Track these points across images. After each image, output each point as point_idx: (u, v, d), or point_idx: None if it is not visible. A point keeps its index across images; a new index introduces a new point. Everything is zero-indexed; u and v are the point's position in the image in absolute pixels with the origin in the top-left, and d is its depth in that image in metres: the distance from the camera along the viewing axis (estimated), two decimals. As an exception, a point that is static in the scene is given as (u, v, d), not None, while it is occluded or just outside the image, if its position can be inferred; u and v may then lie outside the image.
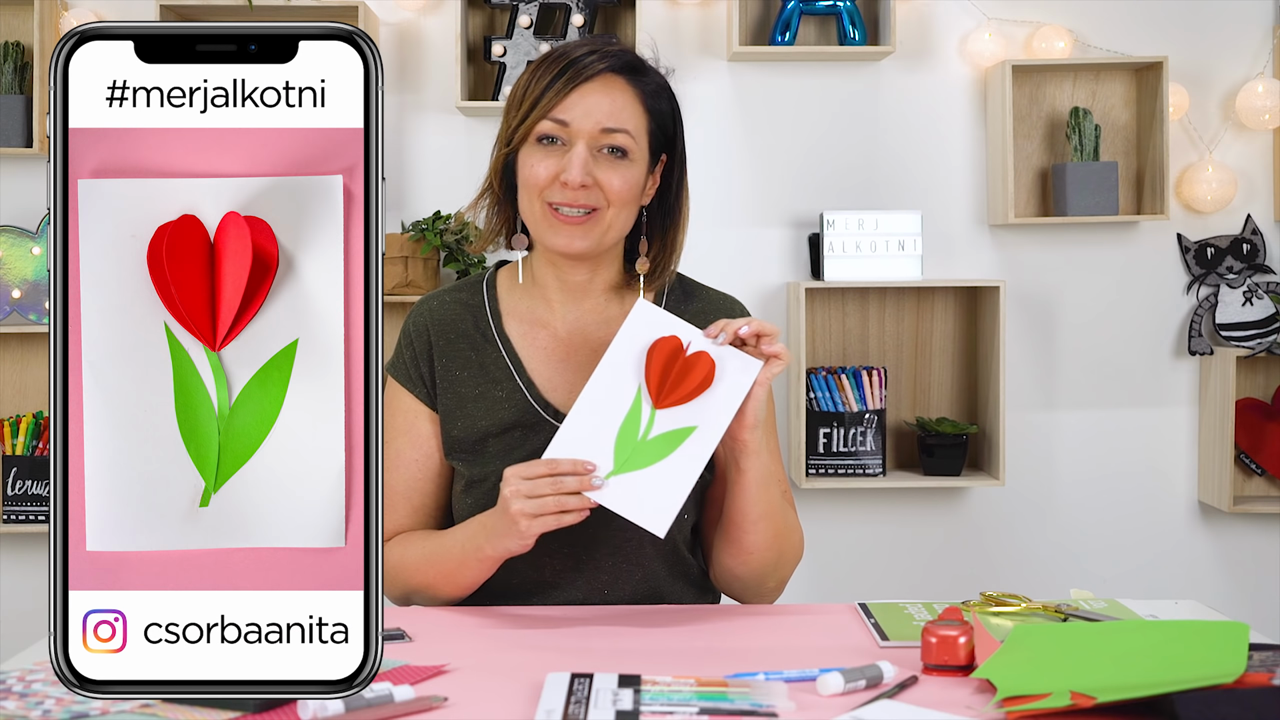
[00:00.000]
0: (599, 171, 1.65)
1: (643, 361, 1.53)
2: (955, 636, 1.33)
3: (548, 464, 1.50)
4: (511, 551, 1.57)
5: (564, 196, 1.65)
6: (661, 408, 1.52)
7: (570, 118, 1.64)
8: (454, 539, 1.65)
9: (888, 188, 3.48)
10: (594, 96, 1.65)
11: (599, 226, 1.67)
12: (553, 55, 1.68)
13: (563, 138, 1.66)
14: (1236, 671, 1.18)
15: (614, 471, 1.50)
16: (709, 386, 1.53)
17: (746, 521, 1.65)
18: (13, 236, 3.35)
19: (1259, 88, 3.42)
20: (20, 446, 3.29)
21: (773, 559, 1.69)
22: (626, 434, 1.51)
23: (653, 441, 1.51)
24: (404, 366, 1.76)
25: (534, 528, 1.51)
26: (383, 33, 3.42)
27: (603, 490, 1.50)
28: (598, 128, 1.65)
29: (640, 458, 1.51)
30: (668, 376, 1.53)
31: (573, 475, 1.49)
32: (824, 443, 3.32)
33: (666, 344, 1.54)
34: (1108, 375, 3.53)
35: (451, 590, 1.66)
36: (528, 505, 1.50)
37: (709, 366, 1.53)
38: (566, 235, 1.66)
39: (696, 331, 1.55)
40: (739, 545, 1.67)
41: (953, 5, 3.47)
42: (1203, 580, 3.55)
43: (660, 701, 1.21)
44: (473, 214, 1.77)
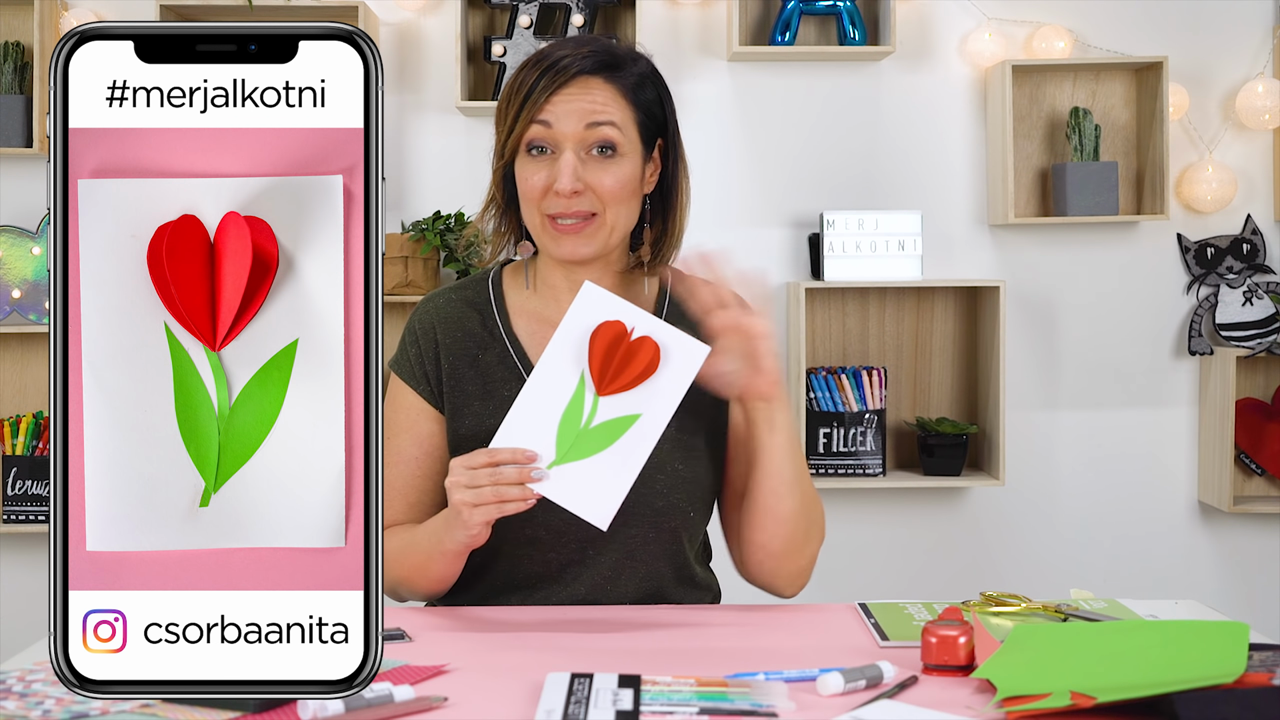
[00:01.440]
0: (590, 174, 1.64)
1: (585, 346, 1.49)
2: (955, 636, 1.33)
3: (488, 454, 1.49)
4: (464, 544, 1.55)
5: (559, 206, 1.64)
6: (605, 395, 1.49)
7: (553, 119, 1.64)
8: (423, 533, 1.64)
9: (888, 188, 3.49)
10: (574, 100, 1.64)
11: (600, 231, 1.66)
12: (530, 61, 1.68)
13: (550, 145, 1.65)
14: (1236, 671, 1.18)
15: (556, 461, 1.48)
16: (653, 373, 1.49)
17: (782, 486, 1.63)
18: (13, 236, 3.35)
19: (1259, 88, 3.43)
20: (20, 446, 3.29)
21: (804, 527, 1.67)
22: (569, 422, 1.48)
23: (595, 430, 1.48)
24: (408, 364, 1.76)
25: (475, 517, 1.49)
26: (383, 33, 3.42)
27: (544, 481, 1.47)
28: (581, 126, 1.64)
29: (583, 447, 1.48)
30: (610, 363, 1.49)
31: (513, 465, 1.48)
32: (824, 443, 3.32)
33: (609, 329, 1.49)
34: (1108, 375, 3.54)
35: (425, 584, 1.66)
36: (467, 495, 1.49)
37: (653, 352, 1.49)
38: (569, 245, 1.66)
39: (643, 315, 1.51)
40: (774, 515, 1.64)
41: (953, 5, 3.47)
42: (1203, 580, 3.55)
43: (660, 701, 1.21)
44: (482, 224, 1.77)
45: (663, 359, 1.49)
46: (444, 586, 1.67)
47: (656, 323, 1.51)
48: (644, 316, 1.50)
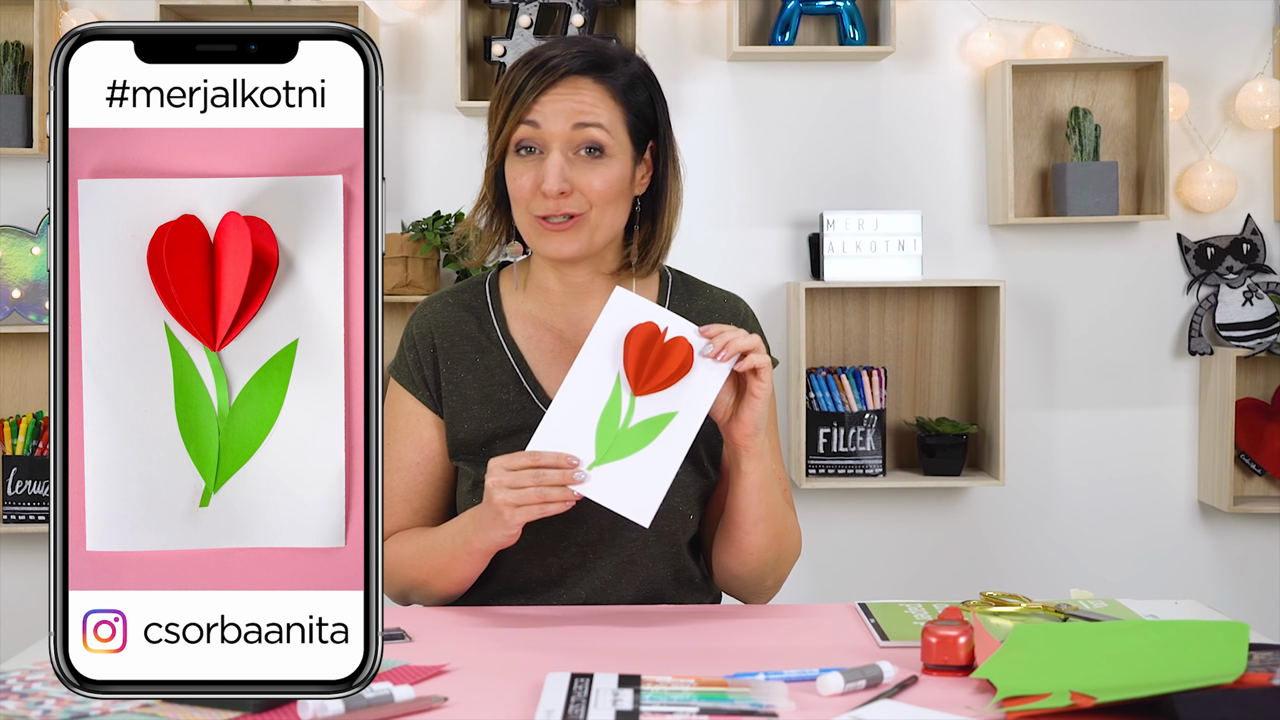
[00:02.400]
0: (577, 175, 1.65)
1: (620, 349, 1.53)
2: (955, 636, 1.33)
3: (531, 456, 1.50)
4: (498, 543, 1.56)
5: (547, 207, 1.65)
6: (641, 394, 1.52)
7: (540, 119, 1.64)
8: (445, 534, 1.65)
9: (888, 188, 3.49)
10: (562, 100, 1.64)
11: (585, 229, 1.67)
12: (521, 61, 1.68)
13: (538, 145, 1.65)
14: (1236, 671, 1.18)
15: (596, 462, 1.50)
16: (688, 371, 1.53)
17: (747, 523, 1.65)
18: (13, 236, 3.35)
19: (1259, 88, 3.42)
20: (20, 446, 3.29)
21: (771, 558, 1.70)
22: (607, 423, 1.51)
23: (634, 429, 1.51)
24: (407, 369, 1.76)
25: (518, 517, 1.51)
26: (383, 33, 3.42)
27: (586, 483, 1.50)
28: (569, 126, 1.64)
29: (622, 446, 1.51)
30: (645, 363, 1.52)
31: (555, 469, 1.50)
32: (824, 443, 3.32)
33: (643, 330, 1.53)
34: (1108, 375, 3.53)
35: (445, 585, 1.66)
36: (510, 495, 1.50)
37: (686, 351, 1.53)
38: (556, 243, 1.67)
39: (673, 317, 1.55)
40: (739, 545, 1.67)
41: (953, 5, 3.47)
42: (1203, 580, 3.55)
43: (660, 701, 1.21)
44: (474, 223, 1.77)
45: (696, 358, 1.53)
46: (464, 588, 1.67)
47: (688, 324, 1.55)
48: (675, 319, 1.55)
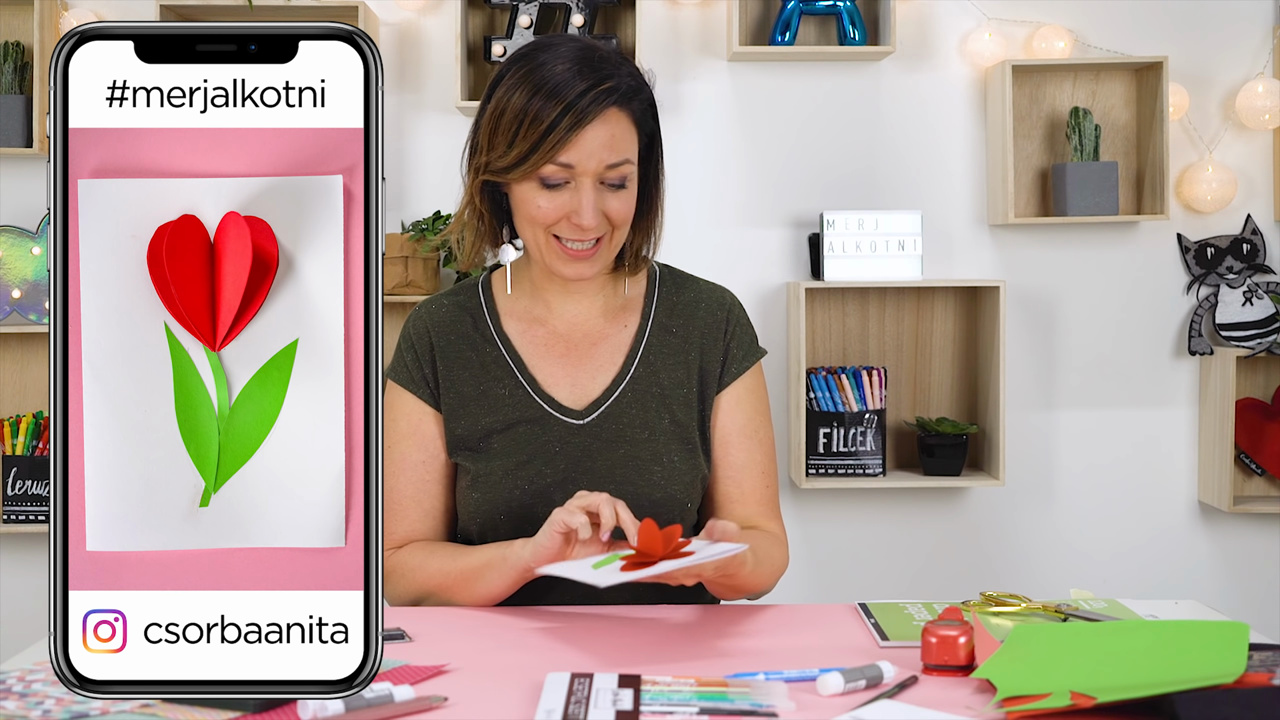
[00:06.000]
0: (603, 203, 1.66)
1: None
2: (955, 636, 1.33)
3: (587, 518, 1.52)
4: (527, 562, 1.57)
5: (575, 234, 1.66)
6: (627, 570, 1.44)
7: (574, 160, 1.63)
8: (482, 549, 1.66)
9: (888, 188, 3.49)
10: (594, 140, 1.63)
11: (605, 252, 1.70)
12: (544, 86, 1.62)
13: (567, 179, 1.65)
14: (1236, 671, 1.18)
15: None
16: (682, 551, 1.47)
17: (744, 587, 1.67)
18: (13, 236, 3.35)
19: (1259, 88, 3.42)
20: (20, 446, 3.29)
21: (760, 586, 1.72)
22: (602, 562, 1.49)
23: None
24: (406, 370, 1.77)
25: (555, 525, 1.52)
26: (383, 33, 3.42)
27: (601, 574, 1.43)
28: (602, 165, 1.64)
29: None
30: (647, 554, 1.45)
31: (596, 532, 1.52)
32: (824, 443, 3.32)
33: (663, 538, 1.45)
34: (1108, 375, 3.53)
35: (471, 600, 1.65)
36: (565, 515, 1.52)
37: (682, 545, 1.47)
38: (578, 268, 1.69)
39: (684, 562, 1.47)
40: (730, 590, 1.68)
41: (953, 5, 3.47)
42: (1203, 580, 3.55)
43: (660, 701, 1.21)
44: (458, 234, 1.78)
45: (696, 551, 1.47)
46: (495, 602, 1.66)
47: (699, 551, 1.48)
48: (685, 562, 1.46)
